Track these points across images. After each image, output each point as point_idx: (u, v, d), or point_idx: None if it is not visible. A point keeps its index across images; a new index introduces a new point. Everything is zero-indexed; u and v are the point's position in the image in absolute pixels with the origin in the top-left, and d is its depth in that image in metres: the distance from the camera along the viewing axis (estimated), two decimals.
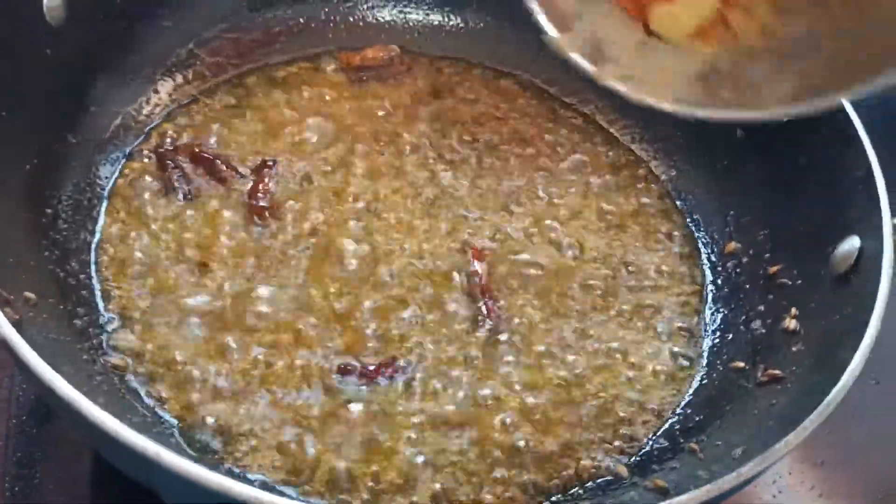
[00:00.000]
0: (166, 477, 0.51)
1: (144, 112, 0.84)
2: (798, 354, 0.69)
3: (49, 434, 0.72)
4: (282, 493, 0.62)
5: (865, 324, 0.62)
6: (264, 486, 0.63)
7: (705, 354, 0.75)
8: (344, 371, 0.68)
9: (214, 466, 0.63)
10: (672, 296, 0.79)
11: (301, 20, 0.93)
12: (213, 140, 0.83)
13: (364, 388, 0.68)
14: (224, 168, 0.79)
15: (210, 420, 0.66)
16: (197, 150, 0.80)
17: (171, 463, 0.49)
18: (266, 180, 0.79)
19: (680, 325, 0.77)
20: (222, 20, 0.89)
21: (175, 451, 0.51)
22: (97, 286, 0.72)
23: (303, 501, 0.62)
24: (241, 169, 0.80)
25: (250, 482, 0.62)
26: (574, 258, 0.80)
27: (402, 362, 0.70)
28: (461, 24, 0.96)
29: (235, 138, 0.83)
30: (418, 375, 0.70)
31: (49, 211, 0.73)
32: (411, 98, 0.90)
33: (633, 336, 0.75)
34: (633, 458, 0.68)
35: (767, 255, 0.78)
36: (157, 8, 0.85)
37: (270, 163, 0.80)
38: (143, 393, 0.67)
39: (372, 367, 0.69)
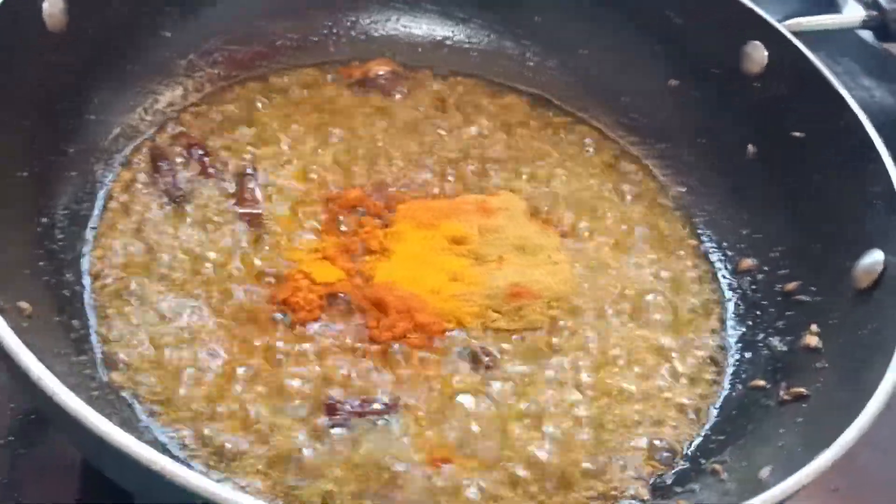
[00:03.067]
0: (168, 491, 0.48)
1: (143, 121, 0.81)
2: (821, 371, 0.67)
3: (36, 456, 0.69)
4: None
5: (893, 338, 0.60)
6: None
7: (725, 374, 0.73)
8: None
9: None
10: (687, 314, 0.77)
11: (303, 33, 0.91)
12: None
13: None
14: (212, 169, 0.78)
15: (207, 434, 0.63)
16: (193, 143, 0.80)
17: (174, 475, 0.47)
18: (248, 187, 0.77)
19: (697, 344, 0.75)
20: (223, 32, 0.88)
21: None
22: (91, 298, 0.69)
23: None
24: (226, 177, 0.79)
25: None
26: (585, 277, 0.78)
27: None
28: (464, 39, 0.95)
29: (232, 146, 0.81)
30: None
31: (45, 220, 0.71)
32: (413, 110, 0.88)
33: (650, 357, 0.73)
34: (655, 481, 0.65)
35: (784, 271, 0.77)
36: (157, 18, 0.83)
37: (250, 172, 0.79)
38: (138, 408, 0.64)
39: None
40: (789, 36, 0.82)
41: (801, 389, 0.66)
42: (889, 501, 0.78)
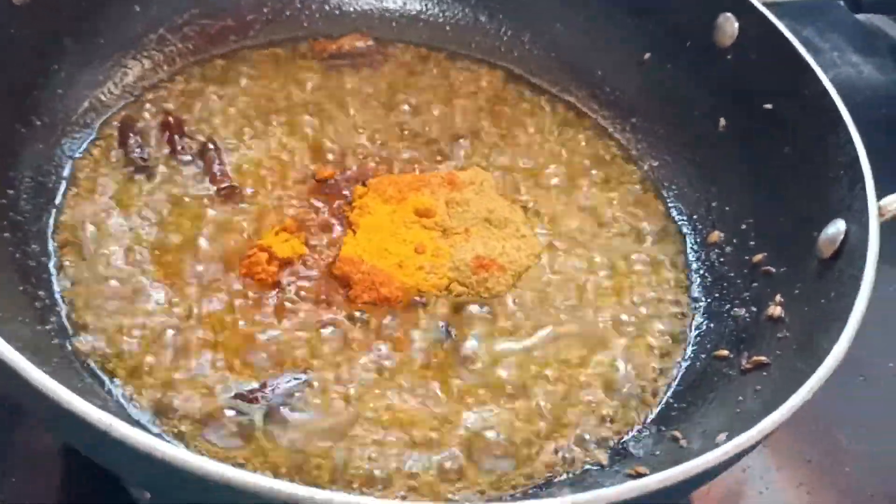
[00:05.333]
0: (133, 458, 0.48)
1: (112, 96, 0.81)
2: (783, 341, 0.67)
3: (17, 426, 0.70)
4: None
5: (851, 306, 0.60)
6: None
7: (689, 344, 0.73)
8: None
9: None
10: (655, 286, 0.77)
11: (275, 7, 0.91)
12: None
13: None
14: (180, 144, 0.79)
15: (176, 404, 0.63)
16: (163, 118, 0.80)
17: (136, 442, 0.47)
18: (216, 163, 0.77)
19: (663, 314, 0.75)
20: (194, 5, 0.87)
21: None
22: (56, 268, 0.69)
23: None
24: (193, 152, 0.79)
25: None
26: (553, 246, 0.78)
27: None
28: (438, 14, 0.95)
29: (202, 122, 0.81)
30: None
31: (10, 192, 0.71)
32: (386, 86, 0.88)
33: (615, 326, 0.73)
34: (614, 446, 0.66)
35: (752, 243, 0.77)
36: None
37: (210, 146, 0.79)
38: (106, 379, 0.64)
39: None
40: (761, 7, 0.81)
41: (762, 358, 0.66)
42: (861, 473, 0.78)
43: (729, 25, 0.83)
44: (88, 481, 0.66)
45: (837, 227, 0.68)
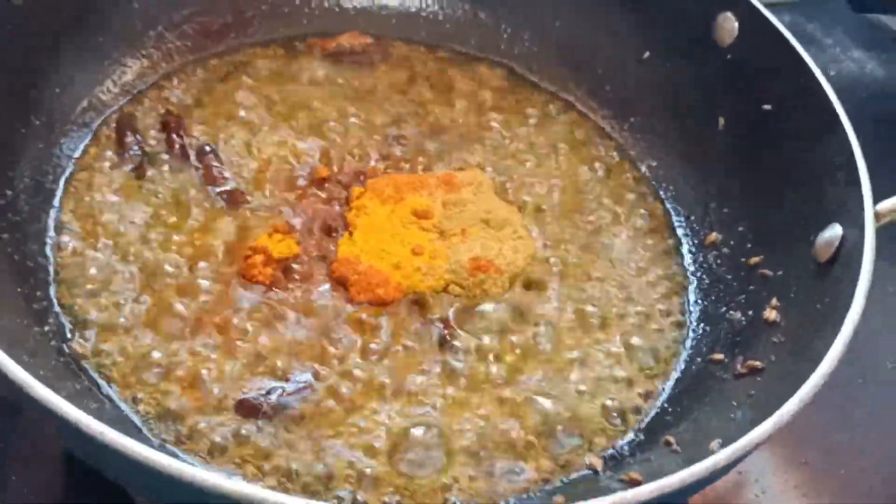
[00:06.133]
0: (130, 467, 0.48)
1: (111, 94, 0.81)
2: (777, 345, 0.67)
3: (19, 427, 0.70)
4: None
5: (846, 311, 0.60)
6: None
7: (685, 347, 0.73)
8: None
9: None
10: (650, 287, 0.77)
11: (274, 4, 0.91)
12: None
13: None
14: (178, 144, 0.78)
15: (173, 408, 0.64)
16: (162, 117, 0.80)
17: (132, 451, 0.47)
18: (214, 164, 0.77)
19: (658, 317, 0.75)
20: (194, 2, 0.87)
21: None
22: (55, 269, 0.70)
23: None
24: (192, 152, 0.79)
25: None
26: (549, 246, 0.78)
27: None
28: (437, 11, 0.94)
29: (201, 121, 0.81)
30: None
31: (9, 192, 0.71)
32: (386, 84, 0.88)
33: (611, 331, 0.73)
34: (609, 452, 0.66)
35: (749, 245, 0.77)
36: None
37: (207, 148, 0.79)
38: (101, 381, 0.65)
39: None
40: (761, 7, 0.81)
41: (757, 363, 0.66)
42: (857, 474, 0.78)
43: (729, 25, 0.82)
44: (91, 483, 0.66)
45: (834, 231, 0.67)
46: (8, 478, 0.68)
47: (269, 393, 0.65)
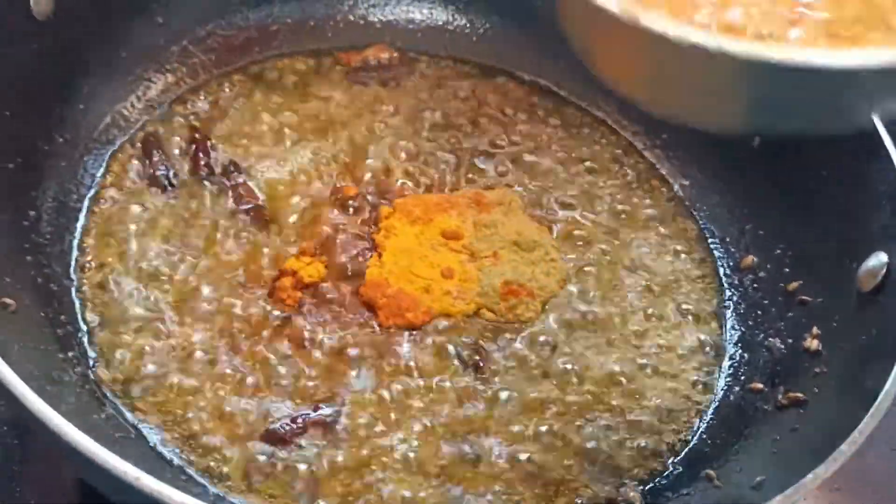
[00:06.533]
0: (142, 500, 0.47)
1: (135, 110, 0.80)
2: (821, 377, 0.65)
3: (29, 447, 0.68)
4: None
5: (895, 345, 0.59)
6: None
7: (722, 375, 0.72)
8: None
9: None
10: (685, 311, 0.75)
11: (300, 18, 0.89)
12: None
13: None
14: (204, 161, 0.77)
15: (203, 439, 0.63)
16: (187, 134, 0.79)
17: (149, 487, 0.46)
18: (240, 182, 0.76)
19: (695, 342, 0.73)
20: (218, 16, 0.86)
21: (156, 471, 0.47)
22: (79, 292, 0.68)
23: None
24: (217, 170, 0.77)
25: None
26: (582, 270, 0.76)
27: None
28: (466, 24, 0.92)
29: (227, 138, 0.80)
30: None
31: (32, 213, 0.70)
32: (413, 100, 0.86)
33: (646, 354, 0.72)
34: (648, 486, 0.64)
35: (787, 269, 0.75)
36: (149, 2, 0.81)
37: (233, 166, 0.77)
38: (124, 408, 0.63)
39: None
40: None
41: (799, 394, 0.65)
42: (893, 499, 0.76)
43: None
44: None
45: (879, 260, 0.66)
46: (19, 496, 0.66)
47: (295, 420, 0.64)
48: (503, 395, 0.67)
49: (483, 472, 0.64)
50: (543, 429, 0.66)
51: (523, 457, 0.64)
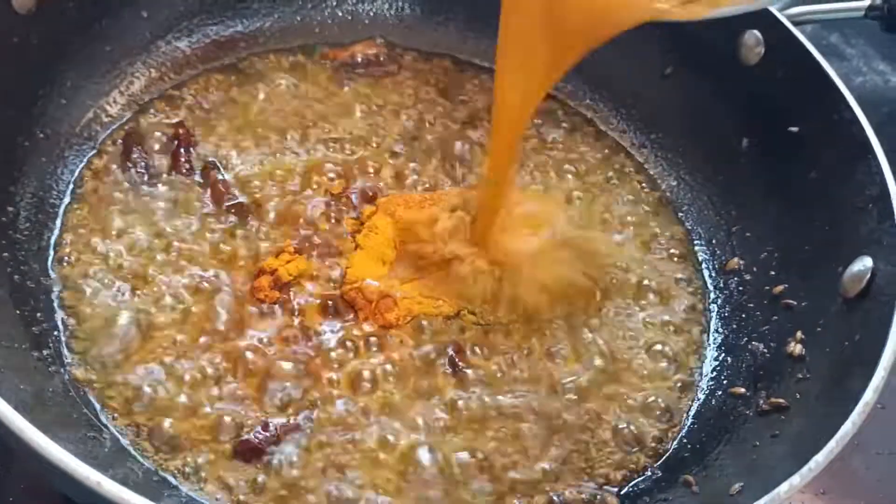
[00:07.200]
0: None
1: (117, 106, 0.79)
2: (803, 382, 0.64)
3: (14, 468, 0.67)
4: None
5: (877, 353, 0.58)
6: None
7: (704, 378, 0.71)
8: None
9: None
10: (669, 313, 0.75)
11: (287, 13, 0.88)
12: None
13: None
14: (184, 157, 0.76)
15: (170, 433, 0.62)
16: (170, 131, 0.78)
17: (113, 493, 0.45)
18: (219, 178, 0.75)
19: (677, 344, 0.73)
20: (203, 11, 0.85)
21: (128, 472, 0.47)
22: (56, 290, 0.68)
23: None
24: (197, 167, 0.77)
25: None
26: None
27: None
28: (451, 20, 0.91)
29: (210, 135, 0.79)
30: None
31: (10, 209, 0.69)
32: (400, 98, 0.86)
33: (627, 354, 0.71)
34: (625, 489, 0.64)
35: (772, 273, 0.74)
36: None
37: (214, 164, 0.77)
38: (98, 406, 0.63)
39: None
40: (788, 25, 0.78)
41: (781, 400, 0.64)
42: (878, 502, 0.76)
43: (755, 43, 0.79)
44: None
45: (864, 265, 0.65)
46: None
47: (266, 428, 0.63)
48: (482, 397, 0.67)
49: (459, 473, 0.63)
50: (521, 430, 0.65)
51: (500, 459, 0.64)
